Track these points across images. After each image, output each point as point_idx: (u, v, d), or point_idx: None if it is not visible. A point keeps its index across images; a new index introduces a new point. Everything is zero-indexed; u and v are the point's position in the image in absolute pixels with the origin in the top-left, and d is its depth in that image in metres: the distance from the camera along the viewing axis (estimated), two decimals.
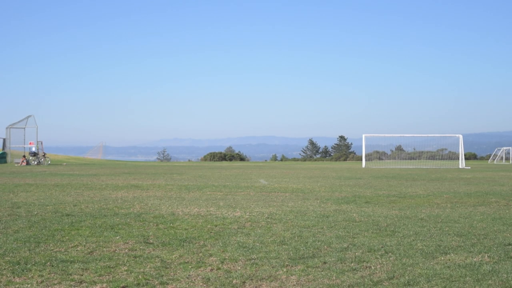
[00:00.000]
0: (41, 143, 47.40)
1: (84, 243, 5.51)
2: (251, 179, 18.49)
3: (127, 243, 5.56)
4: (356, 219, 7.46)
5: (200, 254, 5.01)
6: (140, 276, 4.15)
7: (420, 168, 35.58)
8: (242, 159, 78.02)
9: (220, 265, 4.55)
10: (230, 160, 73.24)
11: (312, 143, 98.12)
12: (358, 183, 16.74)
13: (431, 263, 4.61)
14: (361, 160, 47.06)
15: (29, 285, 3.92)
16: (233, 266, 4.54)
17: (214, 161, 70.61)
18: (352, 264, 4.57)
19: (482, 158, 78.41)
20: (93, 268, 4.42)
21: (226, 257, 4.85)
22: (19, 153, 48.21)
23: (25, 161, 40.66)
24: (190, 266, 4.50)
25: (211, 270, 4.40)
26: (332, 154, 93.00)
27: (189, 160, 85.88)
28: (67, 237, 5.87)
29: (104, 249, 5.25)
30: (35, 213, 8.03)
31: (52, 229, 6.40)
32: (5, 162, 45.75)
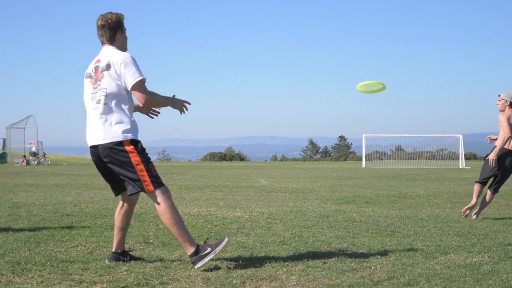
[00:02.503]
0: (41, 143, 47.39)
1: (84, 243, 5.51)
2: (251, 179, 18.49)
3: (127, 243, 5.56)
4: (356, 219, 7.46)
5: None
6: (140, 276, 4.15)
7: (420, 168, 35.57)
8: (242, 159, 78.02)
9: (220, 265, 4.55)
10: (230, 160, 73.24)
11: (312, 143, 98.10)
12: (358, 183, 16.74)
13: (431, 263, 4.61)
14: (361, 160, 47.02)
15: (29, 285, 3.92)
16: (233, 266, 4.53)
17: (214, 161, 70.61)
18: (352, 264, 4.57)
19: (482, 158, 78.33)
20: (93, 268, 4.41)
21: (226, 257, 4.85)
22: (19, 153, 48.17)
23: (25, 161, 40.66)
24: (190, 266, 4.50)
25: (211, 270, 4.40)
26: (332, 154, 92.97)
27: (189, 160, 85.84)
28: (67, 237, 5.87)
29: (104, 249, 5.25)
30: (35, 213, 8.03)
31: (52, 229, 6.40)
32: (5, 162, 45.73)
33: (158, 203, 4.36)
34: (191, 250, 4.38)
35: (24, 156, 42.18)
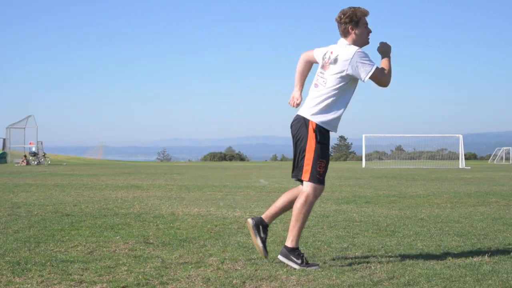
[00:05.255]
0: (41, 143, 47.40)
1: (84, 243, 5.51)
2: (251, 179, 18.49)
3: (127, 243, 5.56)
4: (356, 219, 7.46)
5: (200, 254, 5.01)
6: (140, 276, 4.15)
7: (420, 168, 35.58)
8: (242, 159, 78.03)
9: (220, 265, 4.56)
10: (230, 160, 73.23)
11: None
12: (358, 183, 16.74)
13: (431, 263, 4.62)
14: (361, 160, 47.04)
15: (29, 285, 3.92)
16: (233, 266, 4.54)
17: (214, 161, 70.60)
18: (352, 264, 4.57)
19: (482, 158, 78.38)
20: (93, 268, 4.41)
21: (226, 257, 4.85)
22: (19, 153, 48.17)
23: (25, 161, 40.66)
24: (190, 266, 4.50)
25: (211, 270, 4.40)
26: (332, 154, 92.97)
27: (189, 160, 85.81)
28: (67, 237, 5.87)
29: (104, 249, 5.25)
30: (35, 213, 8.03)
31: (52, 229, 6.40)
32: (5, 162, 45.73)
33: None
34: (291, 244, 4.57)
35: (24, 156, 42.17)
